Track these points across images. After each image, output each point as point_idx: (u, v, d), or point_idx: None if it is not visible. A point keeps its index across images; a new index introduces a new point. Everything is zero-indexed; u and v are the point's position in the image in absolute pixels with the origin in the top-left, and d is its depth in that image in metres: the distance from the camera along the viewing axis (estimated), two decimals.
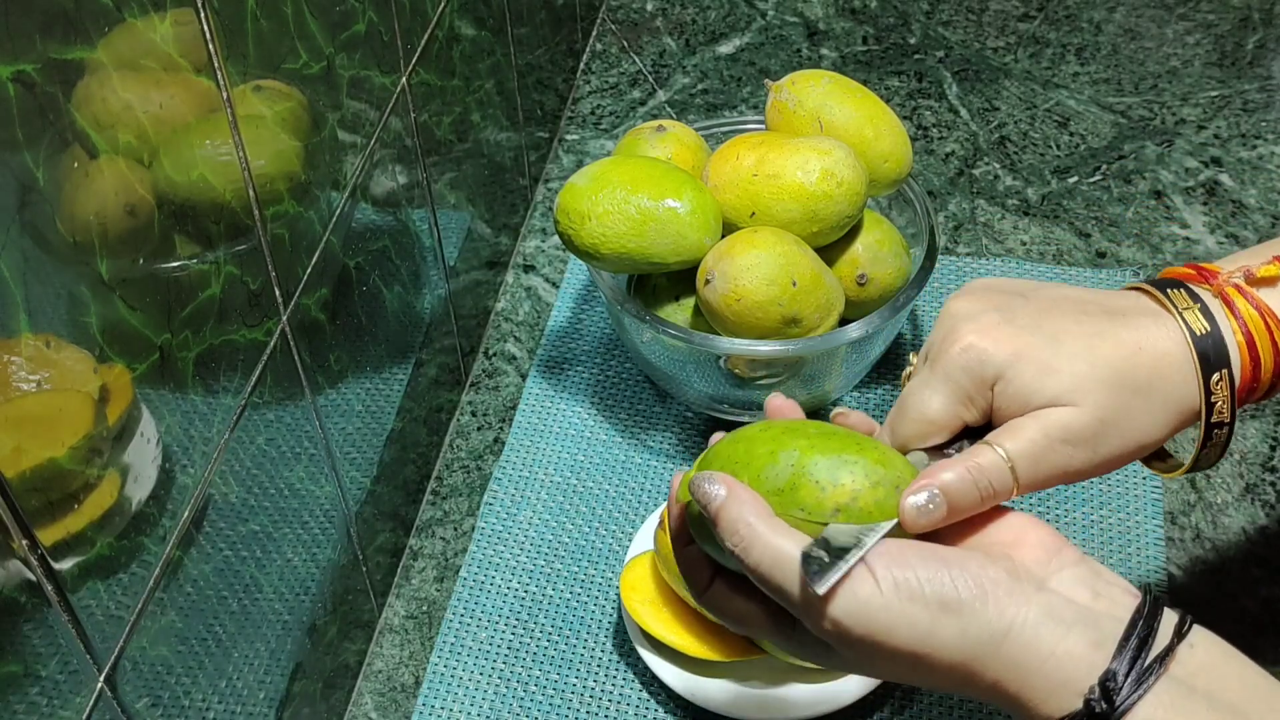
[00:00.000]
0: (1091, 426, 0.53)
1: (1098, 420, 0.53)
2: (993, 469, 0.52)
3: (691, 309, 0.85)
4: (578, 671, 0.80)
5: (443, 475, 0.92)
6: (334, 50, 0.68)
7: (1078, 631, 0.47)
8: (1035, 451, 0.52)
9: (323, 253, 0.69)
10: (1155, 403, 0.54)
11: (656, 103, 1.22)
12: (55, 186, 0.45)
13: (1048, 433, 0.53)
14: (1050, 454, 0.53)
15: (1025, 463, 0.52)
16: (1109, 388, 0.53)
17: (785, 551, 0.48)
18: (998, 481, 0.52)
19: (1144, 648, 0.47)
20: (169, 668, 0.57)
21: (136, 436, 0.52)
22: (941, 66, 1.24)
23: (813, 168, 0.81)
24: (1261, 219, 1.06)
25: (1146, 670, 0.46)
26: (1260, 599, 0.81)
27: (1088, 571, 0.49)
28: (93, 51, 0.47)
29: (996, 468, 0.52)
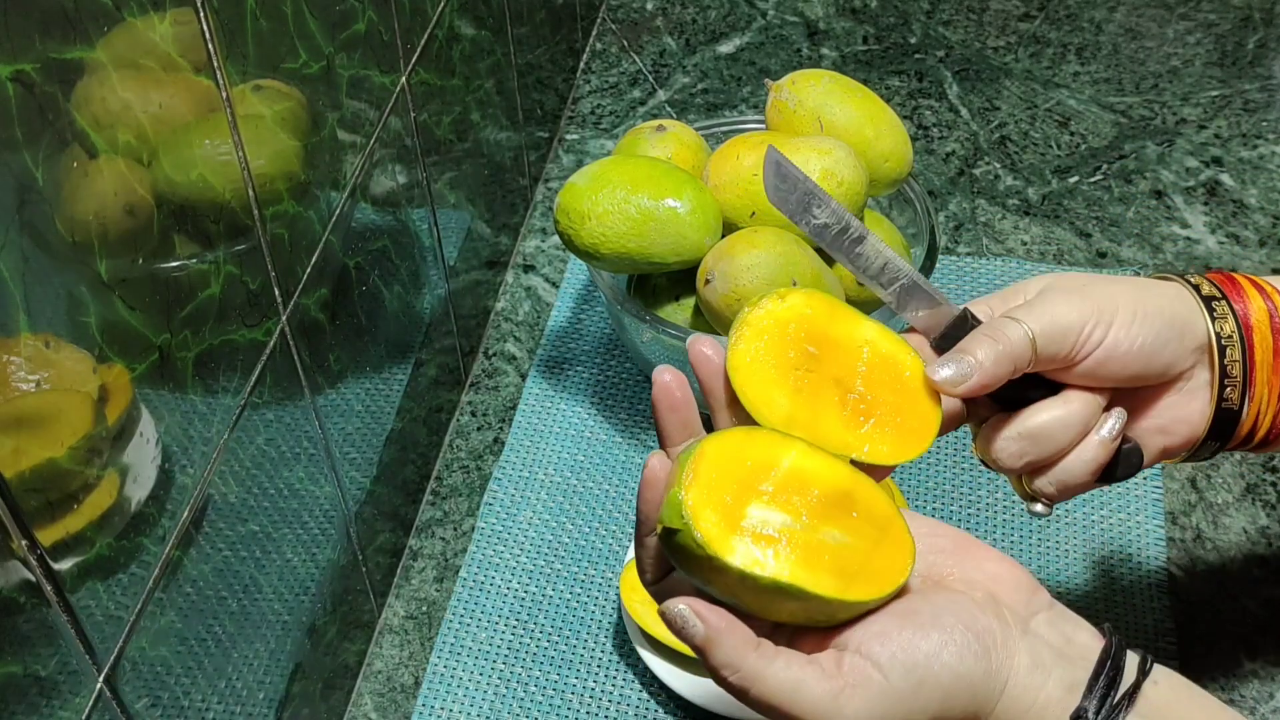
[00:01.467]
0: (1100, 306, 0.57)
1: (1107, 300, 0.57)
2: (1014, 334, 0.56)
3: (691, 309, 0.85)
4: (578, 671, 0.80)
5: (442, 475, 0.92)
6: (334, 50, 0.68)
7: (1056, 675, 0.49)
8: (1031, 305, 0.57)
9: (322, 252, 0.69)
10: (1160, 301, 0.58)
11: (656, 102, 1.22)
12: (55, 186, 0.45)
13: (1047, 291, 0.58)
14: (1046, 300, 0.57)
15: (1027, 312, 0.57)
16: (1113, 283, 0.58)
17: (793, 681, 0.48)
18: (1012, 336, 0.56)
19: (1112, 686, 0.48)
20: (169, 668, 0.57)
21: (136, 436, 0.52)
22: (942, 66, 1.24)
23: (813, 167, 0.81)
24: (1262, 219, 1.06)
25: (1115, 707, 0.48)
26: (1261, 599, 0.81)
27: (1058, 615, 0.51)
28: (92, 51, 0.46)
29: (1017, 333, 0.56)
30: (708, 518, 0.48)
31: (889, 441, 0.54)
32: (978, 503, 0.87)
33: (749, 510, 0.49)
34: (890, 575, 0.50)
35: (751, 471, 0.50)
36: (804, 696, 0.48)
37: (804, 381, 0.55)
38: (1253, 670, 0.78)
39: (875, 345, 0.56)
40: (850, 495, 0.50)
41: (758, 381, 0.54)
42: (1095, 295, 0.57)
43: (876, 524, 0.51)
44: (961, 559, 0.53)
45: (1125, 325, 0.57)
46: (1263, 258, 1.02)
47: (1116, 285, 0.58)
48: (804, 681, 0.48)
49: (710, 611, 0.48)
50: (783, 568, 0.48)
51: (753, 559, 0.48)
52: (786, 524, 0.49)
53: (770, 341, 0.55)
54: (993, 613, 0.50)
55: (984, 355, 0.56)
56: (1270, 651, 0.78)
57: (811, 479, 0.51)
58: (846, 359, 0.56)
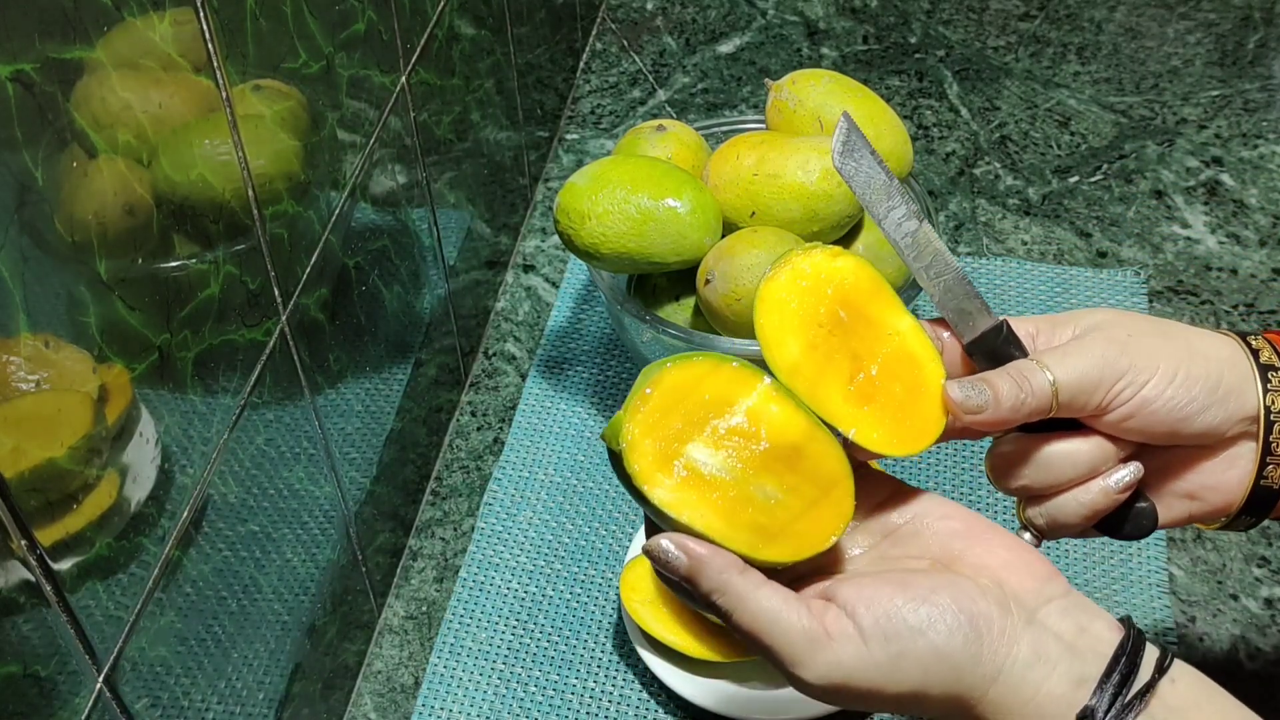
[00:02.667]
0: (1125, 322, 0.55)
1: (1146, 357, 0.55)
2: (1031, 371, 0.54)
3: (691, 309, 0.85)
4: (578, 671, 0.80)
5: (442, 475, 0.92)
6: (333, 50, 0.68)
7: (1062, 669, 0.47)
8: (1065, 350, 0.55)
9: (322, 252, 0.69)
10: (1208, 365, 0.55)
11: (656, 102, 1.22)
12: (54, 186, 0.45)
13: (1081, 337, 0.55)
14: (1079, 348, 0.55)
15: (1058, 361, 0.55)
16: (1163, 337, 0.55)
17: (774, 610, 0.47)
18: (1034, 381, 0.54)
19: (1125, 684, 0.47)
20: (168, 668, 0.57)
21: (135, 437, 0.52)
22: (942, 66, 1.24)
23: (813, 167, 0.81)
24: (1263, 219, 1.06)
25: (1127, 706, 0.46)
26: (1260, 599, 0.81)
27: (1074, 604, 0.49)
28: (92, 51, 0.46)
29: (1041, 382, 0.54)
30: (644, 448, 0.48)
31: (881, 430, 0.53)
32: (978, 503, 0.87)
33: (688, 449, 0.49)
34: (813, 540, 0.50)
35: (705, 406, 0.50)
36: (782, 629, 0.47)
37: (822, 341, 0.54)
38: (1253, 670, 0.77)
39: (904, 338, 0.55)
40: (799, 450, 0.49)
41: (778, 320, 0.53)
42: (1136, 350, 0.55)
43: (819, 484, 0.50)
44: (973, 542, 0.51)
45: (1160, 386, 0.55)
46: (1263, 258, 1.02)
47: (1164, 341, 0.56)
48: (784, 613, 0.47)
49: (692, 542, 0.48)
50: (699, 515, 0.48)
51: (673, 500, 0.48)
52: (719, 471, 0.49)
53: (806, 289, 0.54)
54: (995, 599, 0.48)
55: (1005, 395, 0.54)
56: (1270, 651, 0.78)
57: (765, 425, 0.50)
58: (872, 338, 0.55)
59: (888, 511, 0.53)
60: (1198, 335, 0.57)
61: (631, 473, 0.48)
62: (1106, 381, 0.54)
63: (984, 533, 0.52)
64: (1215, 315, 0.98)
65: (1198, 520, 0.59)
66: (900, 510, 0.53)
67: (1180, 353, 0.55)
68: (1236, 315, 0.98)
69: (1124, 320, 0.57)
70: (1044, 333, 0.58)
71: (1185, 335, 0.56)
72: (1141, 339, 0.55)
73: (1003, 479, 0.57)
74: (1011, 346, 0.57)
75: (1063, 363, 0.55)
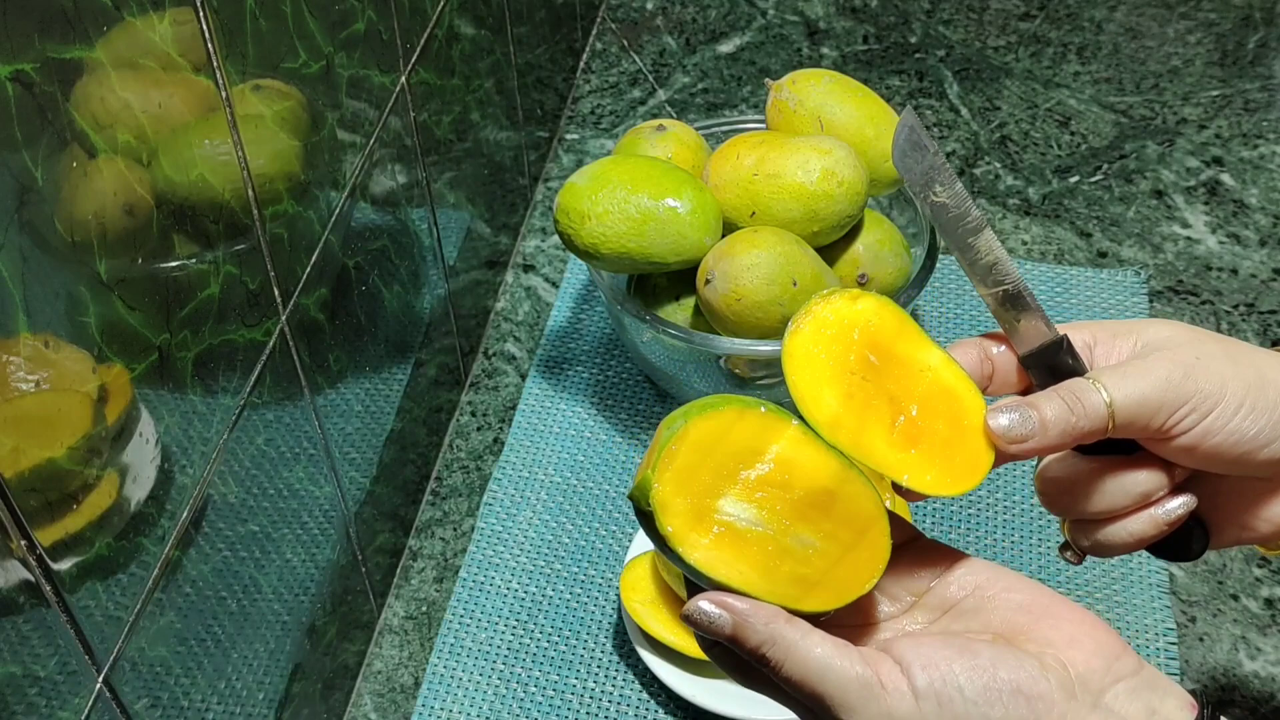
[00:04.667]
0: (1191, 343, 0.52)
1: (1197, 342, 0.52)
2: (1085, 392, 0.51)
3: (691, 309, 0.85)
4: (578, 671, 0.80)
5: (442, 475, 0.92)
6: (333, 49, 0.68)
7: None
8: (1125, 371, 0.52)
9: (322, 252, 0.69)
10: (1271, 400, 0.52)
11: (656, 102, 1.22)
12: (54, 186, 0.45)
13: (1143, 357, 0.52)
14: (1141, 368, 0.52)
15: (1116, 383, 0.51)
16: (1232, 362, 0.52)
17: (825, 657, 0.45)
18: (1088, 403, 0.51)
19: None
20: (168, 668, 0.57)
21: (135, 437, 0.52)
22: (942, 66, 1.24)
23: (813, 167, 0.81)
24: (1263, 219, 1.06)
25: None
26: (1261, 599, 0.81)
27: (1144, 683, 0.47)
28: (91, 51, 0.46)
29: (1095, 403, 0.51)
30: (676, 507, 0.47)
31: (934, 472, 0.51)
32: (978, 502, 0.87)
33: (720, 504, 0.47)
34: (854, 584, 0.49)
35: (734, 456, 0.49)
36: (835, 676, 0.45)
37: (857, 389, 0.52)
38: (1253, 670, 0.77)
39: (938, 374, 0.53)
40: (833, 494, 0.48)
41: (811, 376, 0.52)
42: (1202, 374, 0.51)
43: (855, 527, 0.49)
44: (1038, 617, 0.49)
45: (1227, 417, 0.51)
46: (1263, 258, 1.02)
47: (1233, 366, 0.52)
48: (837, 660, 0.45)
49: (732, 598, 0.47)
50: (738, 572, 0.47)
51: (710, 560, 0.47)
52: (754, 523, 0.48)
53: (833, 338, 0.52)
54: (1058, 681, 0.46)
55: (1052, 419, 0.51)
56: (1270, 651, 0.78)
57: (795, 472, 0.49)
58: (906, 378, 0.53)
59: (947, 585, 0.51)
60: (1268, 359, 0.53)
61: (665, 535, 0.47)
62: (1169, 407, 0.51)
63: (1050, 606, 0.49)
64: (1215, 315, 0.98)
65: (1249, 543, 0.57)
66: (960, 583, 0.51)
67: (1249, 379, 0.52)
68: (1237, 315, 0.98)
69: (1191, 339, 0.53)
70: (1102, 343, 0.55)
71: (1254, 360, 0.53)
72: (1209, 361, 0.52)
73: (1051, 503, 0.55)
74: (1070, 358, 0.54)
75: (1122, 384, 0.51)
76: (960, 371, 0.53)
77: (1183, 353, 0.52)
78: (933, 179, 0.55)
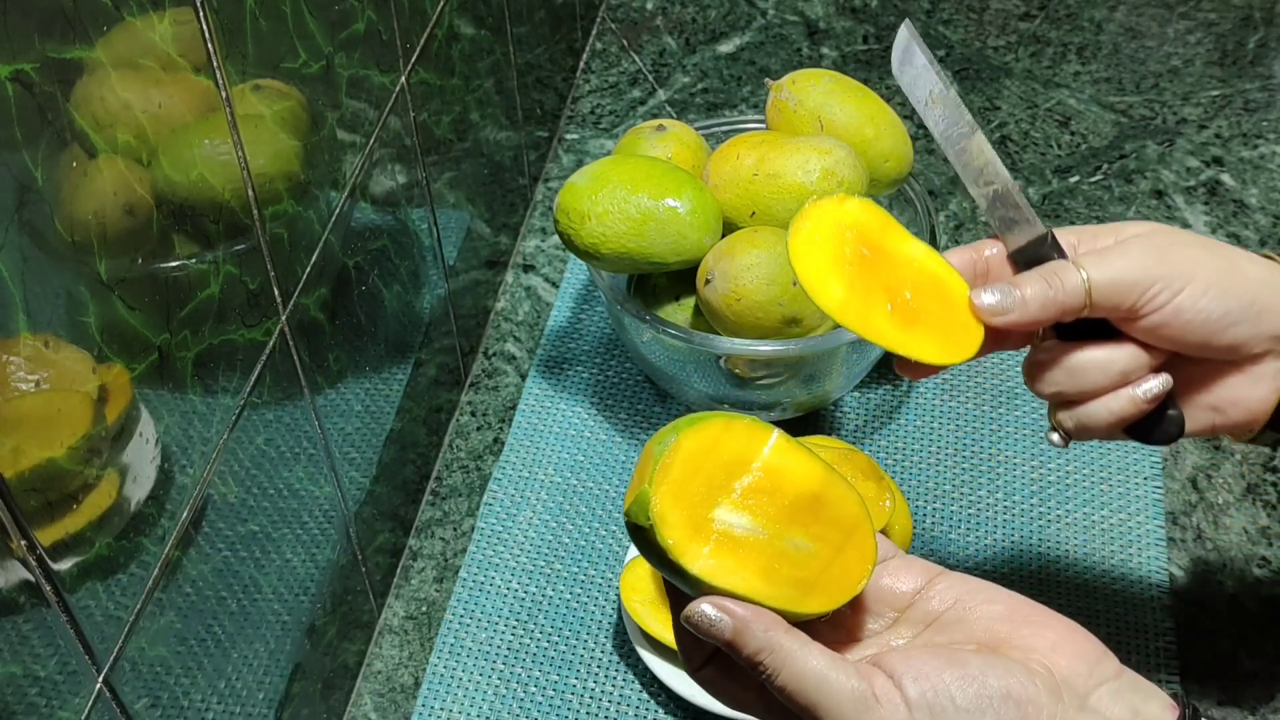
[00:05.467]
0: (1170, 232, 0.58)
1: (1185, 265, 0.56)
2: (1065, 272, 0.57)
3: (691, 309, 0.85)
4: (578, 671, 0.80)
5: (442, 475, 0.92)
6: (333, 49, 0.68)
7: None
8: (1104, 254, 0.57)
9: (322, 252, 0.69)
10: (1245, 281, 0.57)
11: (656, 102, 1.22)
12: (54, 186, 0.45)
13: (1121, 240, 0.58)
14: (1119, 252, 0.57)
15: (1095, 264, 0.57)
16: (1205, 250, 0.57)
17: (821, 670, 0.46)
18: (1068, 284, 0.56)
19: None
20: (168, 668, 0.57)
21: (135, 437, 0.52)
22: (942, 66, 1.24)
23: (813, 167, 0.81)
24: (1263, 219, 1.06)
25: None
26: (1261, 599, 0.81)
27: (1126, 685, 0.48)
28: (91, 51, 0.46)
29: (1074, 280, 0.57)
30: (674, 519, 0.47)
31: (934, 344, 0.57)
32: (978, 502, 0.87)
33: (716, 513, 0.48)
34: (847, 585, 0.50)
35: (725, 467, 0.50)
36: (830, 689, 0.46)
37: (857, 277, 0.57)
38: (1253, 670, 0.77)
39: (923, 263, 0.59)
40: (819, 498, 0.49)
41: (817, 267, 0.57)
42: (1175, 258, 0.56)
43: (842, 528, 0.50)
44: (1019, 625, 0.50)
45: (1195, 296, 0.56)
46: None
47: (1206, 253, 0.57)
48: (832, 674, 0.46)
49: (732, 603, 0.47)
50: (740, 579, 0.47)
51: (713, 568, 0.47)
52: (750, 529, 0.49)
53: (830, 235, 0.58)
54: (1045, 685, 0.47)
55: (1031, 295, 0.56)
56: (1270, 651, 0.78)
57: (783, 478, 0.50)
58: (896, 268, 0.59)
59: (928, 599, 0.52)
60: (1241, 254, 0.58)
61: (666, 547, 0.47)
62: (1142, 284, 0.56)
63: (1030, 614, 0.51)
64: None
65: (1222, 431, 0.61)
66: (940, 597, 0.52)
67: (1220, 266, 0.57)
68: None
69: (1167, 230, 0.58)
70: (1085, 241, 0.60)
71: (1228, 252, 0.58)
72: (1183, 248, 0.57)
73: (1037, 384, 0.59)
74: (1055, 253, 0.59)
75: (1099, 263, 0.56)
76: (942, 260, 0.60)
77: (1158, 238, 0.57)
78: (928, 88, 0.61)
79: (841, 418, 0.93)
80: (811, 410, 0.91)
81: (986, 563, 0.83)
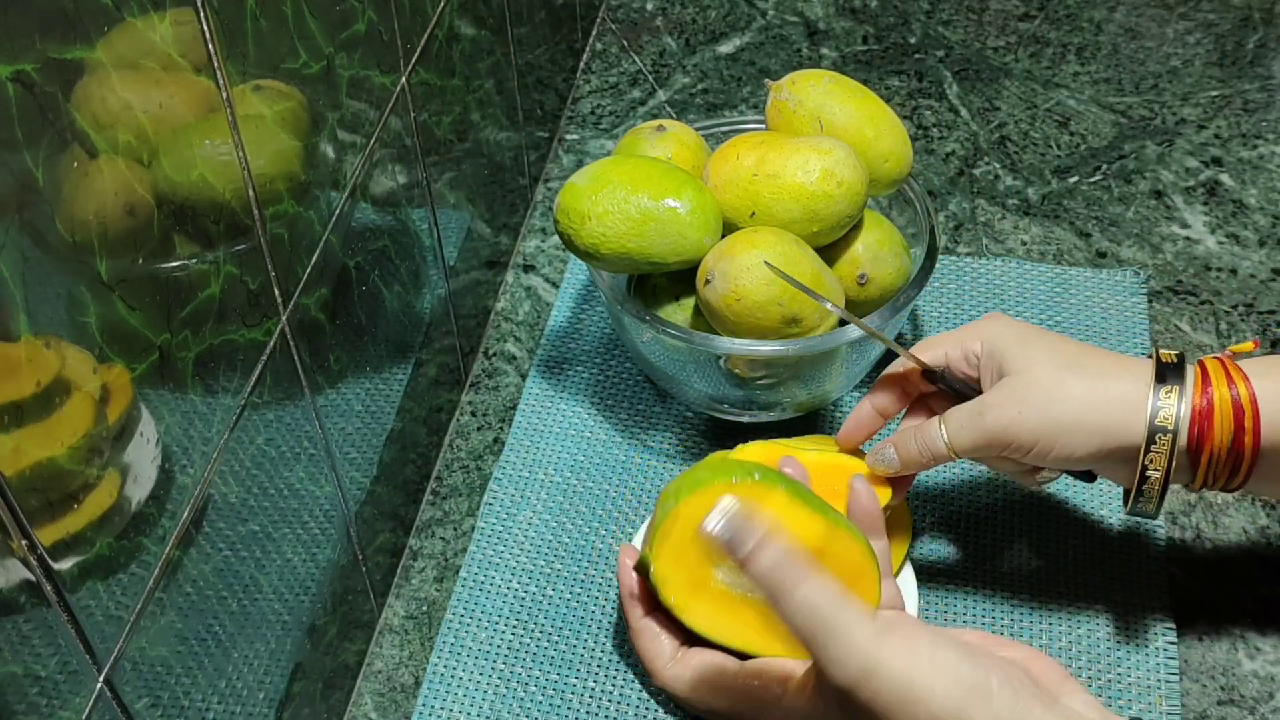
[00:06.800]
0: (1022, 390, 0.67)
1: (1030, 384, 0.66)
2: (931, 439, 0.70)
3: (691, 309, 0.85)
4: (578, 671, 0.80)
5: (443, 475, 0.92)
6: (334, 50, 0.68)
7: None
8: (963, 420, 0.69)
9: (322, 252, 0.69)
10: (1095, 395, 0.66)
11: (656, 102, 1.22)
12: (55, 186, 0.45)
13: (979, 409, 0.68)
14: (976, 420, 0.68)
15: (955, 431, 0.69)
16: (1057, 363, 0.67)
17: (834, 595, 0.48)
18: (933, 448, 0.70)
19: None
20: (169, 668, 0.57)
21: (136, 436, 0.52)
22: (942, 66, 1.24)
23: (813, 167, 0.81)
24: (1262, 219, 1.06)
25: None
26: (1260, 599, 0.81)
27: (1094, 700, 0.53)
28: (92, 51, 0.46)
29: (934, 435, 0.70)
30: (675, 580, 0.50)
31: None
32: (977, 502, 0.87)
33: (715, 573, 0.50)
34: None
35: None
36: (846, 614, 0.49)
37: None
38: (1253, 670, 0.78)
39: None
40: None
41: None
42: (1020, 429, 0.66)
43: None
44: (992, 645, 0.56)
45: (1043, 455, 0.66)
46: (1262, 258, 1.02)
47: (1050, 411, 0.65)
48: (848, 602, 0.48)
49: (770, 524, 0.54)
50: (737, 634, 0.49)
51: (709, 626, 0.50)
52: (749, 589, 0.50)
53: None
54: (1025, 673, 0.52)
55: (908, 457, 0.72)
56: (1270, 651, 0.78)
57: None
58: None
59: None
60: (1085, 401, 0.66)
61: (669, 605, 0.50)
62: (995, 449, 0.68)
63: (1000, 641, 0.58)
64: (1215, 315, 0.98)
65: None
66: None
67: (1063, 425, 0.65)
68: (1236, 315, 0.98)
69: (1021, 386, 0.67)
70: (954, 360, 0.73)
71: (1074, 403, 0.66)
72: (1031, 412, 0.65)
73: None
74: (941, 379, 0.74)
75: (958, 434, 0.69)
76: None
77: (1008, 409, 0.66)
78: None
79: (841, 418, 0.93)
80: (811, 410, 0.91)
81: (986, 562, 0.83)
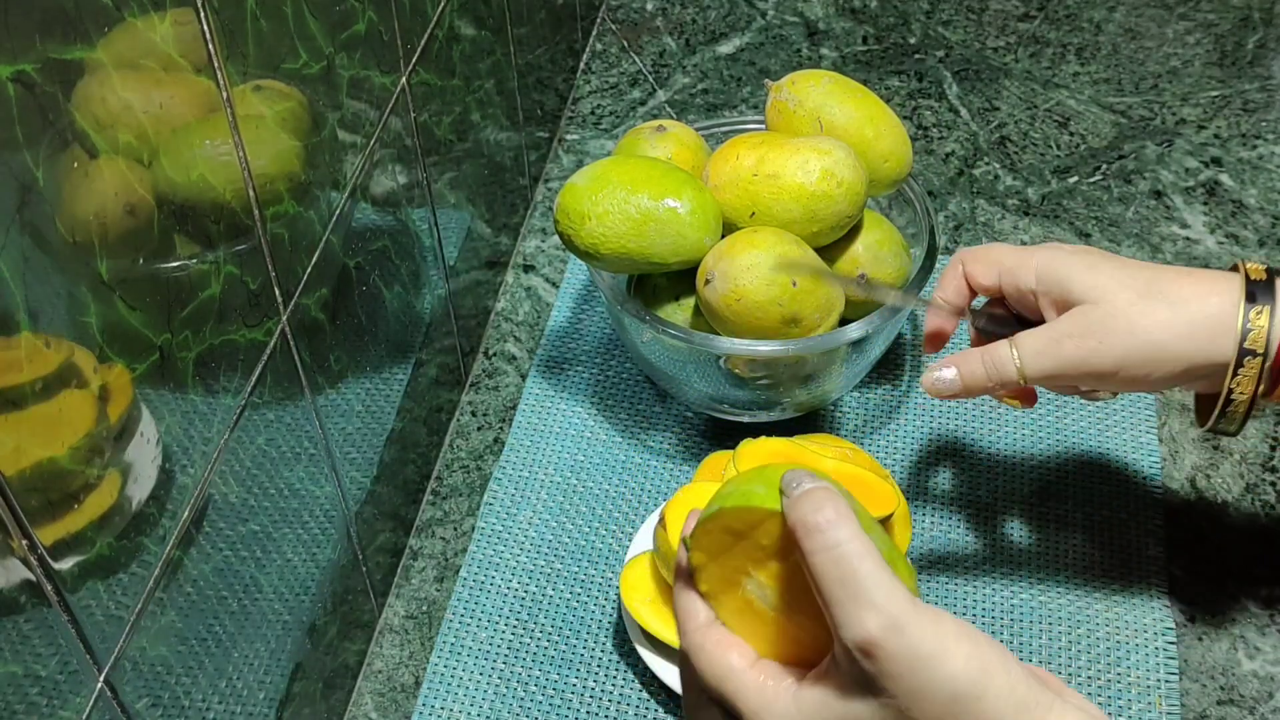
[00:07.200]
0: (1101, 321, 0.64)
1: (1108, 314, 0.63)
2: (1002, 361, 0.66)
3: (691, 309, 0.85)
4: (578, 671, 0.80)
5: (443, 475, 0.92)
6: (334, 50, 0.68)
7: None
8: (1039, 347, 0.65)
9: (323, 253, 0.69)
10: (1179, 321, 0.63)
11: (656, 103, 1.22)
12: (55, 186, 0.45)
13: (1055, 338, 0.65)
14: (1053, 348, 0.65)
15: (1030, 358, 0.66)
16: (1134, 289, 0.63)
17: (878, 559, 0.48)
18: (1003, 371, 0.66)
19: None
20: (169, 668, 0.57)
21: (136, 436, 0.52)
22: (941, 66, 1.24)
23: (813, 168, 0.81)
24: (1262, 219, 1.06)
25: None
26: (1261, 599, 0.81)
27: (1094, 707, 0.51)
28: (93, 51, 0.46)
29: (1004, 358, 0.66)
30: (710, 573, 0.53)
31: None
32: (978, 502, 0.87)
33: (745, 581, 0.52)
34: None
35: (761, 549, 0.52)
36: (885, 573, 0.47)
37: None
38: (1252, 670, 0.78)
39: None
40: None
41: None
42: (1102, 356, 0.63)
43: None
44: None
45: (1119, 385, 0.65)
46: (1262, 258, 1.02)
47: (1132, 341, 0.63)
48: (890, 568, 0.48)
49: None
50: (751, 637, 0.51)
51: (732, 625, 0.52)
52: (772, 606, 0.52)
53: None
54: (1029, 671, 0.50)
55: (972, 379, 0.67)
56: (1270, 651, 0.78)
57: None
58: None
59: None
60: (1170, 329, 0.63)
61: (702, 594, 0.54)
62: (1069, 377, 0.65)
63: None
64: None
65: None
66: None
67: (1146, 353, 0.63)
68: None
69: (1101, 316, 0.64)
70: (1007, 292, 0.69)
71: (1159, 331, 0.63)
72: (1114, 342, 0.63)
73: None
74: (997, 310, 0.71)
75: (1034, 360, 0.65)
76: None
77: (1088, 340, 0.64)
78: None
79: (841, 418, 0.93)
80: (811, 410, 0.91)
81: (986, 562, 0.83)
